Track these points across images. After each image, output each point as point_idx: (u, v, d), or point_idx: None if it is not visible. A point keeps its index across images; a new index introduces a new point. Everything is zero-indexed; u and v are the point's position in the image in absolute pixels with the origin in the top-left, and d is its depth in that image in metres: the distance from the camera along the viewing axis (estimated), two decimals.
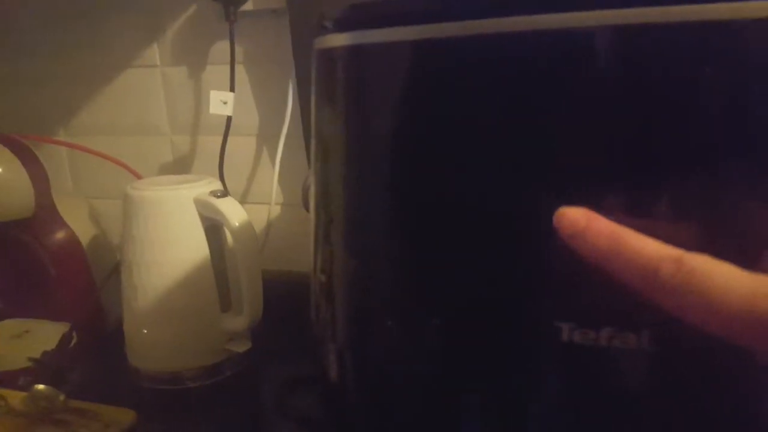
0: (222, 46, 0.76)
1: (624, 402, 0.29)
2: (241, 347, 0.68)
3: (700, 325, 0.23)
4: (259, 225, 0.79)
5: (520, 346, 0.30)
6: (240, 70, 0.77)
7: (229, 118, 0.76)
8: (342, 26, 0.32)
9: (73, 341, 0.71)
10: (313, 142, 0.36)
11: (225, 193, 0.65)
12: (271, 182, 0.78)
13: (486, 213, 0.29)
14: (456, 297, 0.30)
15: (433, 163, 0.30)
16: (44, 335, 0.72)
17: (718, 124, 0.25)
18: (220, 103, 0.74)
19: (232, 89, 0.75)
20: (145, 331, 0.67)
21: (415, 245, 0.31)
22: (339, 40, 0.31)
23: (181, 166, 0.85)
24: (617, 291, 0.26)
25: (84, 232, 0.77)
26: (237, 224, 0.64)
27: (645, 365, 0.28)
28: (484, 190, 0.29)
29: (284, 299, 0.71)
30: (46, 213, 0.73)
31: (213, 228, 0.67)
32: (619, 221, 0.26)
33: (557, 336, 0.28)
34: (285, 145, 0.76)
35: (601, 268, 0.26)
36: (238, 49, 0.75)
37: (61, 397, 0.59)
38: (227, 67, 0.76)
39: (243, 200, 0.83)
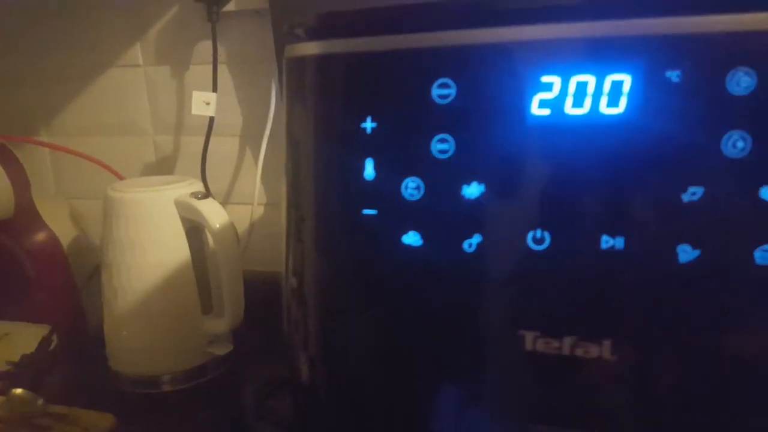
0: (205, 46, 0.76)
1: (585, 408, 0.28)
2: (222, 350, 0.68)
3: None
4: (242, 225, 0.79)
5: (485, 353, 0.30)
6: (223, 70, 0.77)
7: (211, 119, 0.75)
8: (312, 35, 0.32)
9: (53, 344, 0.70)
10: (285, 143, 0.36)
11: (206, 195, 0.64)
12: (254, 183, 0.78)
13: (449, 212, 0.29)
14: (425, 304, 0.30)
15: (397, 168, 0.30)
16: (23, 338, 0.72)
17: None
18: (203, 103, 0.73)
19: (214, 90, 0.75)
20: (125, 334, 0.66)
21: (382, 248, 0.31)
22: (309, 48, 0.31)
23: (164, 166, 0.84)
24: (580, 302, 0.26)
25: (65, 233, 0.76)
26: (217, 226, 0.63)
27: (606, 374, 0.28)
28: (446, 188, 0.29)
29: (267, 300, 0.71)
30: (26, 214, 0.73)
31: (194, 230, 0.66)
32: None
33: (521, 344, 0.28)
34: (268, 145, 0.75)
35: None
36: (220, 50, 0.75)
37: (40, 402, 0.59)
38: (210, 67, 0.75)
39: (226, 201, 0.82)
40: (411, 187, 0.30)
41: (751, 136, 0.25)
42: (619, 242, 0.27)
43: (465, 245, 0.29)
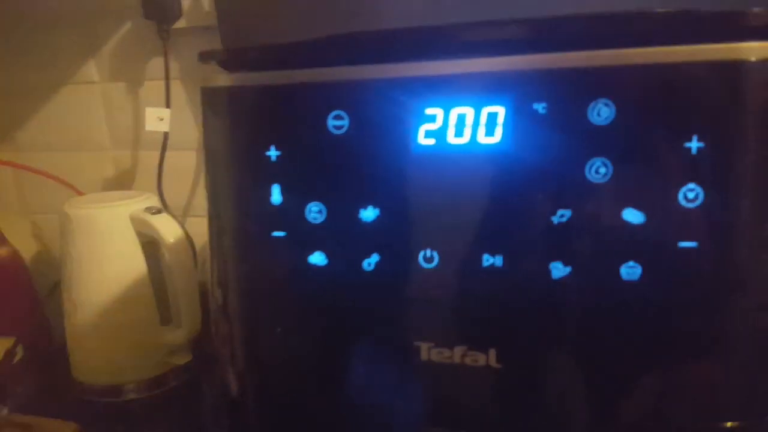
0: (159, 63, 0.77)
1: (475, 411, 0.31)
2: (182, 359, 0.69)
3: None
4: (202, 238, 0.80)
5: (386, 363, 0.32)
6: (176, 86, 0.78)
7: (166, 134, 0.77)
8: (225, 66, 0.34)
9: (17, 356, 0.71)
10: (204, 164, 0.38)
11: (160, 210, 0.66)
12: None
13: (350, 234, 0.31)
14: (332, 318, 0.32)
15: (300, 194, 0.32)
16: None
17: None
18: (157, 119, 0.75)
19: (168, 105, 0.76)
20: (87, 346, 0.67)
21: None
22: (222, 80, 0.33)
23: (123, 181, 0.85)
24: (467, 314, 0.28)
25: (27, 248, 0.77)
26: (171, 240, 0.64)
27: (493, 380, 0.30)
28: (345, 211, 0.31)
29: None
30: None
31: (150, 243, 0.68)
32: None
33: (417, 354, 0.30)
34: None
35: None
36: (173, 65, 0.76)
37: (4, 412, 0.60)
38: (162, 83, 0.76)
39: (185, 214, 0.83)
40: (314, 211, 0.32)
41: (612, 162, 0.28)
42: (498, 260, 0.29)
43: (365, 264, 0.31)
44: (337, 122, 0.31)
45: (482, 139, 0.29)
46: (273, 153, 0.32)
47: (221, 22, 0.71)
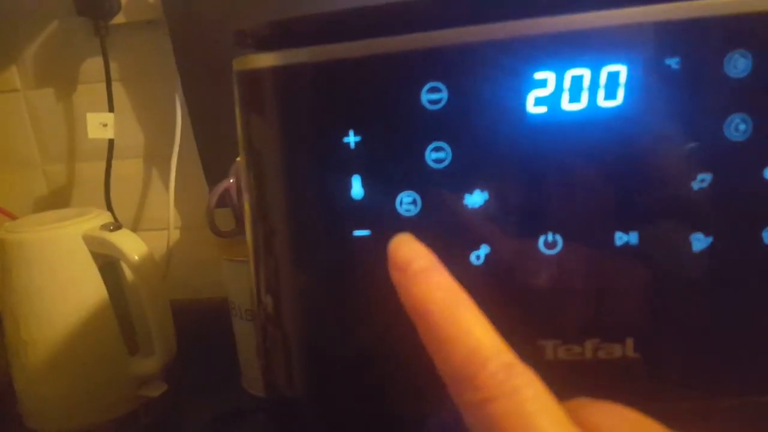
0: (93, 64, 0.68)
1: None
2: (156, 391, 0.62)
3: None
4: (159, 253, 0.72)
5: None
6: (117, 88, 0.69)
7: (111, 142, 0.68)
8: (264, 45, 0.28)
9: None
10: (243, 161, 0.32)
11: (118, 226, 0.58)
12: (166, 206, 0.71)
13: (452, 225, 0.26)
14: None
15: (389, 183, 0.27)
16: None
17: None
18: (100, 125, 0.66)
19: (111, 109, 0.67)
20: (42, 390, 0.58)
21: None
22: (265, 60, 0.27)
23: (58, 199, 0.75)
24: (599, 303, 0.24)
25: None
26: (136, 258, 0.57)
27: (631, 372, 0.27)
28: (446, 199, 0.26)
29: (195, 329, 0.66)
30: None
31: (108, 265, 0.60)
32: None
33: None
34: (178, 164, 0.69)
35: (420, 329, 0.22)
36: (112, 66, 0.67)
37: None
38: (101, 86, 0.67)
39: (136, 228, 0.75)
40: (407, 202, 0.27)
41: (751, 118, 0.25)
42: (633, 237, 0.26)
43: (472, 258, 0.27)
44: (433, 95, 0.26)
45: (602, 102, 0.25)
46: (352, 139, 0.26)
47: (169, 14, 0.63)
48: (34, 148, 0.74)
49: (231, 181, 0.57)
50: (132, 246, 0.57)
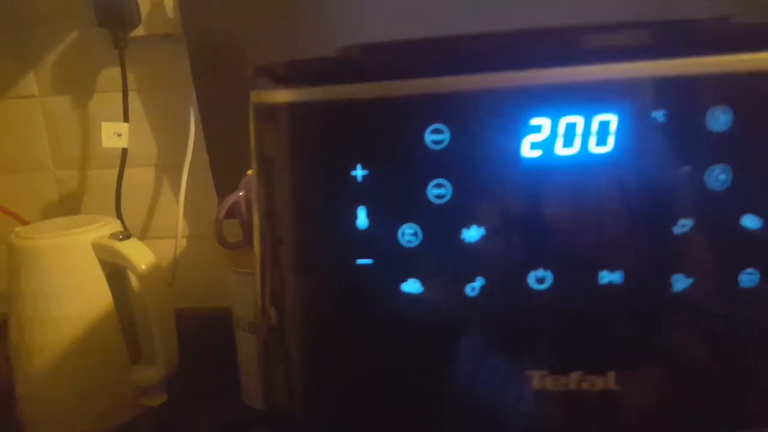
0: (110, 74, 0.72)
1: None
2: (156, 400, 0.64)
3: None
4: (166, 260, 0.75)
5: (493, 396, 0.30)
6: (132, 98, 0.73)
7: (124, 151, 0.71)
8: (281, 81, 0.31)
9: None
10: (255, 187, 0.35)
11: (127, 235, 0.61)
12: (175, 214, 0.74)
13: (450, 257, 0.29)
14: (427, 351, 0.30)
15: (392, 216, 0.30)
16: None
17: None
18: (114, 135, 0.69)
19: (126, 119, 0.71)
20: (44, 396, 0.61)
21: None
22: (283, 96, 0.30)
23: (68, 204, 0.78)
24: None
25: None
26: (143, 267, 0.60)
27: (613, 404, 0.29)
28: (445, 233, 0.29)
29: (199, 339, 0.69)
30: None
31: (116, 273, 0.63)
32: None
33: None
34: (189, 173, 0.73)
35: None
36: (129, 76, 0.71)
37: None
38: (117, 95, 0.71)
39: (144, 236, 0.78)
40: (408, 234, 0.30)
41: (731, 169, 0.28)
42: (617, 276, 0.29)
43: (467, 289, 0.30)
44: (436, 136, 0.29)
45: (593, 149, 0.28)
46: (359, 173, 0.29)
47: (188, 29, 0.66)
48: (48, 154, 0.77)
49: (240, 193, 0.59)
50: (140, 256, 0.60)
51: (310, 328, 0.33)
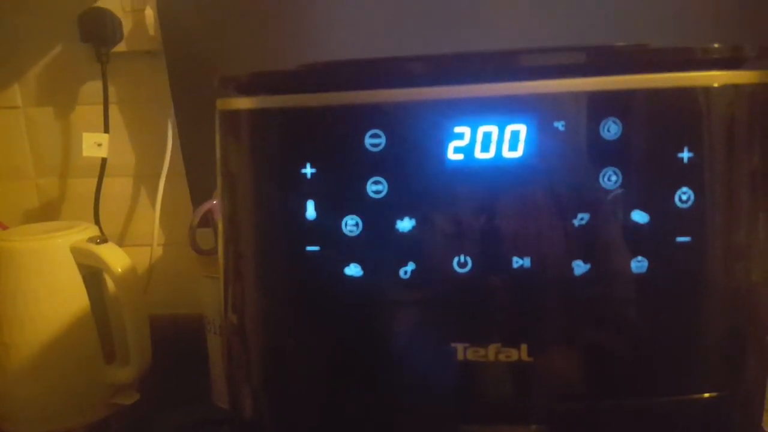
0: (92, 87, 0.77)
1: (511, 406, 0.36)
2: (129, 399, 0.68)
3: None
4: (141, 267, 0.80)
5: (423, 366, 0.36)
6: (113, 110, 0.78)
7: (103, 160, 0.77)
8: (243, 90, 0.37)
9: None
10: (219, 185, 0.40)
11: (104, 239, 0.66)
12: (150, 223, 0.80)
13: (386, 245, 0.35)
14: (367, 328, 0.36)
15: (337, 208, 0.36)
16: None
17: None
18: (94, 145, 0.74)
19: (106, 130, 0.76)
20: (20, 393, 0.65)
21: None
22: (244, 103, 0.36)
23: (48, 211, 0.83)
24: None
25: None
26: (119, 271, 0.64)
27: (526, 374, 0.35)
28: (382, 223, 0.35)
29: (171, 343, 0.73)
30: None
31: (92, 276, 0.67)
32: None
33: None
34: (165, 184, 0.78)
35: None
36: (111, 90, 0.77)
37: None
38: (98, 107, 0.77)
39: (121, 243, 0.83)
40: (350, 224, 0.36)
41: (621, 171, 0.34)
42: (526, 261, 0.35)
43: (401, 272, 0.35)
44: (374, 140, 0.35)
45: (506, 153, 0.35)
46: (308, 171, 0.35)
47: (167, 46, 0.72)
48: (29, 162, 0.82)
49: (214, 202, 0.64)
50: (116, 259, 0.64)
51: (267, 312, 0.38)
